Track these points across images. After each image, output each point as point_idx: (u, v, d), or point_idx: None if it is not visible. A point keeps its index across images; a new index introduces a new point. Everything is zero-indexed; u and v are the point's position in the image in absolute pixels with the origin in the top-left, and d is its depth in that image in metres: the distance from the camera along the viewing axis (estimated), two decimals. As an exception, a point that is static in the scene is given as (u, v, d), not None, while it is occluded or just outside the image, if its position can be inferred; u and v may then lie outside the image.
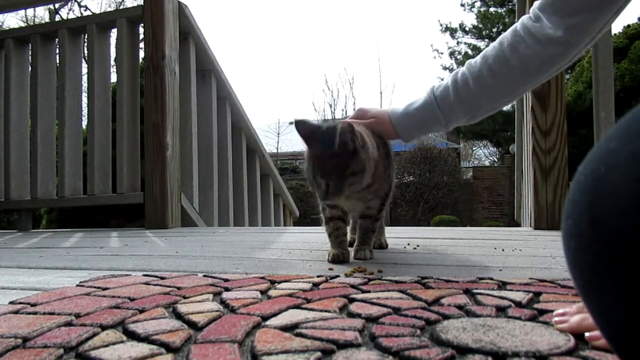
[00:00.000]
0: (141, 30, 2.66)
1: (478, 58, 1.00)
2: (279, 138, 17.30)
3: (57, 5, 14.57)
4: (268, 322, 0.60)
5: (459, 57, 15.04)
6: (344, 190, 1.00)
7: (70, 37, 2.70)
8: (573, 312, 0.55)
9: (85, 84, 2.81)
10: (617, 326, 0.32)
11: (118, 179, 2.53)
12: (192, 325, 0.59)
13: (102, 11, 14.36)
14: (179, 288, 0.81)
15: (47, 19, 15.10)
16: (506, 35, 0.97)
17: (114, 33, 2.72)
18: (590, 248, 0.33)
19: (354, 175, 1.00)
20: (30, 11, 16.02)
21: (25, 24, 14.24)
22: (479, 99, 1.01)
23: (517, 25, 0.96)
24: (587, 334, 0.50)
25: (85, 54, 3.50)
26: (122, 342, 0.53)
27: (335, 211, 1.17)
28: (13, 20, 20.94)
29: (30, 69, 2.86)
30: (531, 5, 0.96)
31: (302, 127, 1.02)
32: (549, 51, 0.91)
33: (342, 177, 0.99)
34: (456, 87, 1.02)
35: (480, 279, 0.86)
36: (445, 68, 15.60)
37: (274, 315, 0.63)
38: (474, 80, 0.99)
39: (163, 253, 1.39)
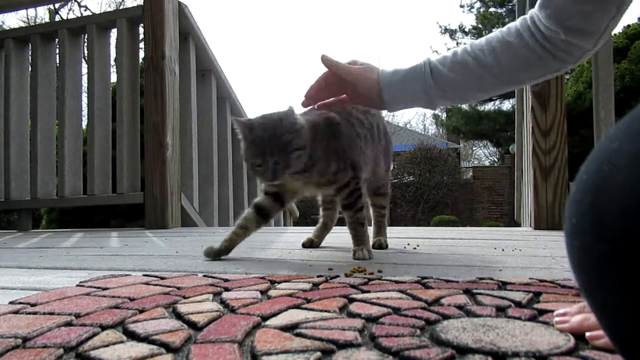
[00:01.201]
0: (141, 30, 2.66)
1: (482, 39, 0.94)
2: (279, 138, 17.24)
3: (57, 5, 14.56)
4: (268, 322, 0.60)
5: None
6: (291, 164, 1.07)
7: (70, 37, 2.70)
8: (574, 312, 0.55)
9: (85, 84, 2.81)
10: (622, 326, 0.32)
11: (118, 179, 2.53)
12: (192, 325, 0.59)
13: (102, 11, 14.36)
14: (179, 288, 0.81)
15: (47, 19, 15.09)
16: (515, 24, 0.92)
17: (114, 33, 2.71)
18: (593, 248, 0.33)
19: (299, 149, 1.08)
20: (30, 11, 16.04)
21: (25, 24, 14.23)
22: (472, 77, 0.94)
23: (526, 17, 0.91)
24: (588, 334, 0.50)
25: (85, 54, 3.50)
26: (122, 342, 0.53)
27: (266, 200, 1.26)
28: (13, 20, 20.95)
29: (30, 69, 2.85)
30: (531, 5, 0.93)
31: (241, 122, 1.12)
32: (550, 51, 0.87)
33: (289, 152, 1.06)
34: (454, 60, 0.95)
35: (480, 279, 0.86)
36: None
37: (274, 315, 0.63)
38: (473, 57, 0.93)
39: (163, 253, 1.39)
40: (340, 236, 1.85)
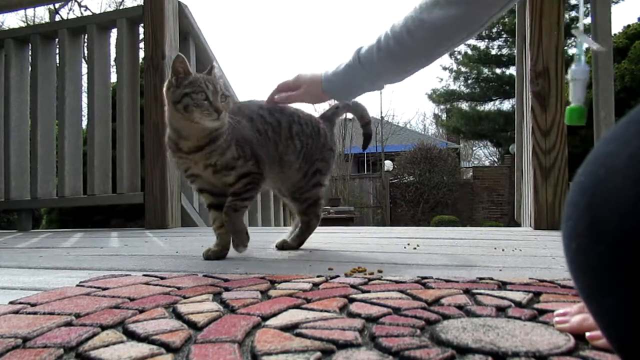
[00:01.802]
0: (141, 30, 2.66)
1: (400, 20, 1.04)
2: (279, 138, 17.24)
3: (57, 5, 14.56)
4: (268, 322, 0.60)
5: (458, 56, 15.03)
6: (229, 102, 1.16)
7: (70, 37, 2.70)
8: (574, 312, 0.55)
9: (85, 84, 2.81)
10: (618, 327, 0.32)
11: (118, 179, 2.53)
12: (192, 325, 0.59)
13: (102, 11, 14.34)
14: (179, 288, 0.81)
15: (47, 19, 15.07)
16: (425, 0, 1.01)
17: (114, 33, 2.72)
18: (590, 250, 0.33)
19: (230, 97, 1.17)
20: (30, 11, 16.00)
21: (25, 24, 14.21)
22: (400, 60, 1.05)
23: None
24: (587, 334, 0.50)
25: (85, 54, 3.50)
26: (122, 342, 0.53)
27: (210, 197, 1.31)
28: (13, 20, 20.97)
29: (30, 69, 2.85)
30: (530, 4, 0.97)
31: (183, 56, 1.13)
32: (459, 12, 0.94)
33: (227, 95, 1.15)
34: (379, 48, 1.05)
35: (480, 279, 0.86)
36: (444, 68, 15.62)
37: (274, 315, 0.63)
38: (395, 41, 1.03)
39: (163, 253, 1.39)
40: (340, 236, 1.85)
